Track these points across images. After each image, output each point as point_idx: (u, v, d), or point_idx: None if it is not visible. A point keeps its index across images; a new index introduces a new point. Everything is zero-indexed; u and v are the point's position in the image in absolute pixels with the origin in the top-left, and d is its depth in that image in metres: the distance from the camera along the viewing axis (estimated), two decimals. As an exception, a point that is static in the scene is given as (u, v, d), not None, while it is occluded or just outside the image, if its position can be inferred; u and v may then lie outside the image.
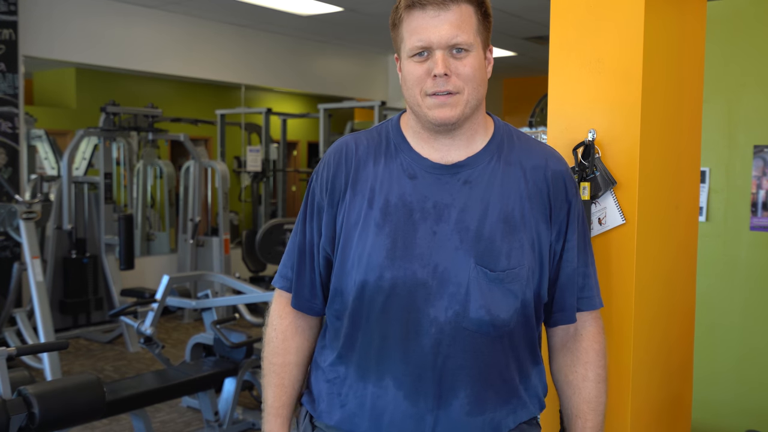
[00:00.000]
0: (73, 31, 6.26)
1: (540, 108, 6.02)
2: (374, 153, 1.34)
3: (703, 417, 2.87)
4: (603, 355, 1.38)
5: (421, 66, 1.26)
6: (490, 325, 1.26)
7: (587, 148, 1.77)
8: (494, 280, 1.25)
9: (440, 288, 1.25)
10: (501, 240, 1.27)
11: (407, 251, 1.26)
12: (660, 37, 1.80)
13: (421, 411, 1.27)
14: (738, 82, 2.88)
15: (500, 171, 1.31)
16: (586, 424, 1.36)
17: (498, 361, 1.29)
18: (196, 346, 3.97)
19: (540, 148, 1.36)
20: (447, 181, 1.29)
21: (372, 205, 1.30)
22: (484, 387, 1.28)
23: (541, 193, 1.31)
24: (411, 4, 1.25)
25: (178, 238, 7.08)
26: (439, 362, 1.26)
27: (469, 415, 1.27)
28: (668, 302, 1.94)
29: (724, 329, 2.92)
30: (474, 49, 1.28)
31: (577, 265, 1.36)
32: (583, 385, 1.36)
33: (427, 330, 1.25)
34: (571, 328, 1.39)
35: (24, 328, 5.01)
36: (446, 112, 1.25)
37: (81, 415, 2.50)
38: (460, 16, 1.25)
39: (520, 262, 1.27)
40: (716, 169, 2.93)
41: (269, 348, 1.42)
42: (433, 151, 1.32)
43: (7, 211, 4.80)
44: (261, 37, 7.90)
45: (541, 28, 7.52)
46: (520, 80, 11.75)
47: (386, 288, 1.26)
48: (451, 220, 1.27)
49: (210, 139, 9.47)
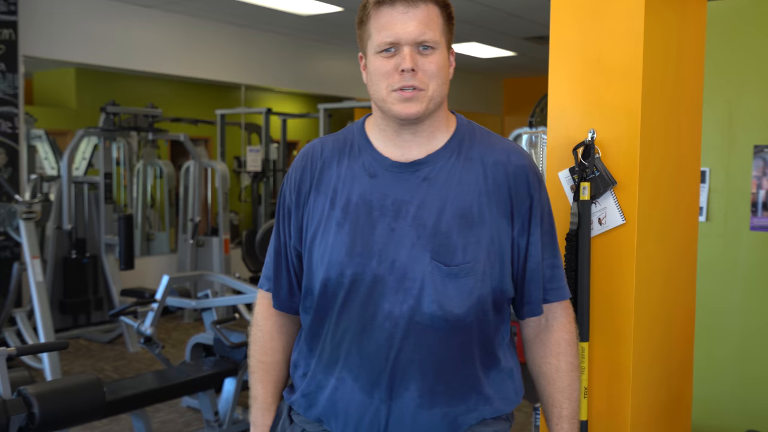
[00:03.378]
0: (73, 31, 6.26)
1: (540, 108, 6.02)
2: (338, 154, 1.38)
3: (703, 417, 2.87)
4: (574, 345, 1.42)
5: (388, 61, 1.29)
6: (443, 320, 1.29)
7: (587, 148, 1.77)
8: (448, 274, 1.28)
9: (397, 283, 1.29)
10: (457, 235, 1.29)
11: (366, 248, 1.30)
12: (660, 37, 1.80)
13: (375, 402, 1.31)
14: (738, 82, 2.88)
15: (459, 167, 1.33)
16: (562, 413, 1.40)
17: (452, 356, 1.31)
18: (196, 346, 3.97)
19: (502, 144, 1.39)
20: (406, 179, 1.32)
21: (334, 204, 1.34)
22: (435, 381, 1.31)
23: (501, 189, 1.33)
24: (380, 1, 1.28)
25: (178, 238, 7.07)
26: (392, 355, 1.30)
27: (419, 408, 1.31)
28: (668, 302, 1.94)
29: (724, 329, 2.92)
30: (439, 48, 1.31)
31: (543, 258, 1.38)
32: (556, 375, 1.40)
33: (381, 324, 1.29)
34: (542, 319, 1.42)
35: (24, 328, 5.01)
36: (411, 107, 1.29)
37: (81, 415, 2.50)
38: (427, 14, 1.28)
39: (476, 257, 1.30)
40: (716, 169, 2.93)
41: (256, 347, 1.49)
42: (395, 148, 1.35)
43: (7, 211, 4.80)
44: (261, 37, 7.90)
45: (541, 28, 7.52)
46: (520, 80, 11.75)
47: (347, 284, 1.31)
48: (409, 217, 1.30)
49: (210, 139, 9.47)
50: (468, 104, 10.98)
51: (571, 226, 1.78)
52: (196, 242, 6.68)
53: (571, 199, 1.82)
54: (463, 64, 10.19)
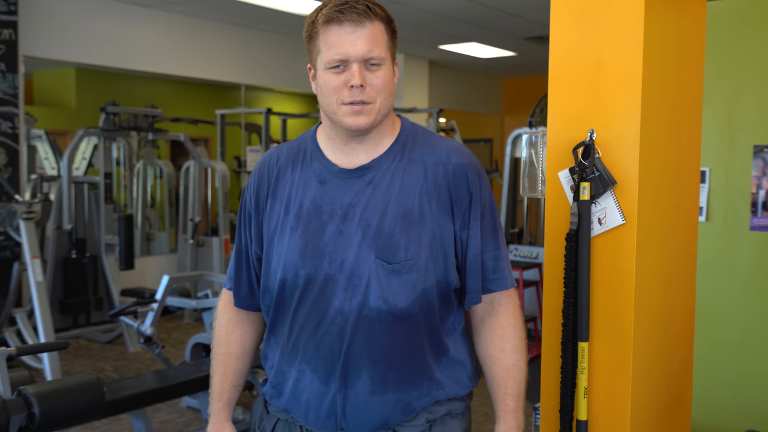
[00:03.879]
0: (73, 31, 6.26)
1: (540, 108, 6.02)
2: (293, 162, 1.49)
3: (703, 417, 2.87)
4: (519, 328, 1.51)
5: (338, 77, 1.38)
6: (388, 313, 1.39)
7: (587, 148, 1.77)
8: (392, 271, 1.39)
9: (346, 281, 1.39)
10: (400, 234, 1.39)
11: (317, 250, 1.41)
12: (660, 37, 1.80)
13: (332, 391, 1.42)
14: (738, 82, 2.88)
15: (402, 170, 1.43)
16: (507, 390, 1.48)
17: (401, 346, 1.42)
18: (196, 346, 3.97)
19: (443, 145, 1.48)
20: (353, 184, 1.43)
21: (288, 210, 1.45)
22: (386, 369, 1.41)
23: (441, 188, 1.43)
24: (329, 20, 1.37)
25: (178, 238, 7.08)
26: (344, 347, 1.40)
27: (372, 395, 1.41)
28: (668, 302, 1.94)
29: (724, 329, 2.92)
30: (385, 63, 1.40)
31: (484, 250, 1.47)
32: (501, 356, 1.49)
33: (333, 319, 1.40)
34: (488, 307, 1.51)
35: (24, 328, 5.01)
36: (360, 120, 1.38)
37: (81, 415, 2.50)
38: (373, 32, 1.37)
39: (418, 253, 1.40)
40: (716, 169, 2.93)
41: (215, 341, 1.60)
42: (343, 156, 1.45)
43: (7, 211, 4.80)
44: (261, 37, 7.90)
45: (541, 28, 7.52)
46: (520, 80, 11.75)
47: (301, 284, 1.42)
48: (355, 219, 1.40)
49: (210, 139, 9.47)
50: (468, 104, 10.98)
51: (571, 226, 1.78)
52: (196, 242, 6.68)
53: (571, 199, 1.82)
54: (463, 64, 10.20)
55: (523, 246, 6.20)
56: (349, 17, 1.35)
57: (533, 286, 5.73)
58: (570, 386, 1.78)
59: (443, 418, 1.47)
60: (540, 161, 2.39)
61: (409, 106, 9.21)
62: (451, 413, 1.49)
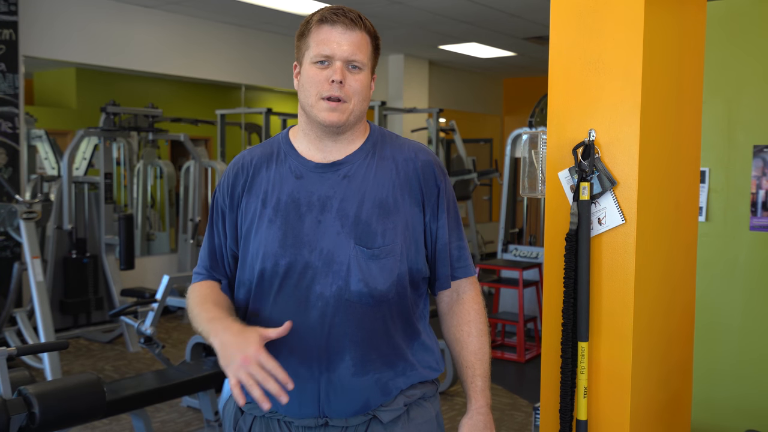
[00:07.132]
0: (73, 31, 6.26)
1: (540, 108, 6.03)
2: (266, 161, 1.56)
3: (703, 417, 2.88)
4: (482, 314, 1.61)
5: (321, 72, 1.47)
6: (369, 296, 1.47)
7: (587, 148, 1.78)
8: (371, 256, 1.47)
9: (325, 267, 1.46)
10: (376, 222, 1.48)
11: (296, 239, 1.48)
12: (660, 37, 1.80)
13: (314, 374, 1.47)
14: (738, 82, 2.88)
15: (375, 165, 1.53)
16: (476, 372, 1.57)
17: (379, 328, 1.49)
18: (196, 346, 3.97)
19: (409, 144, 1.60)
20: (329, 177, 1.51)
21: (266, 204, 1.52)
22: (367, 350, 1.48)
23: (412, 182, 1.53)
24: (323, 20, 1.48)
25: (178, 238, 7.08)
26: (326, 331, 1.46)
27: (354, 376, 1.47)
28: (668, 302, 1.94)
29: (724, 329, 2.92)
30: (366, 69, 1.50)
31: (450, 240, 1.58)
32: (468, 340, 1.58)
33: (314, 304, 1.46)
34: (453, 294, 1.61)
35: (24, 328, 5.01)
36: (334, 116, 1.47)
37: (81, 415, 2.50)
38: (360, 39, 1.48)
39: (394, 240, 1.49)
40: (716, 169, 2.93)
41: (191, 303, 1.55)
42: (317, 152, 1.54)
43: (8, 211, 4.80)
44: (261, 37, 7.90)
45: (541, 28, 7.52)
46: (520, 80, 11.75)
47: (281, 273, 1.48)
48: (333, 210, 1.48)
49: (210, 139, 9.47)
50: (468, 104, 10.98)
51: (571, 226, 1.79)
52: (196, 242, 6.68)
53: (571, 199, 1.83)
54: (463, 64, 10.20)
55: (523, 246, 6.20)
56: (342, 21, 1.47)
57: (533, 286, 5.72)
58: (570, 386, 1.79)
59: (418, 401, 1.56)
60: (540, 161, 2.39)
61: (409, 106, 9.21)
62: (424, 396, 1.57)
